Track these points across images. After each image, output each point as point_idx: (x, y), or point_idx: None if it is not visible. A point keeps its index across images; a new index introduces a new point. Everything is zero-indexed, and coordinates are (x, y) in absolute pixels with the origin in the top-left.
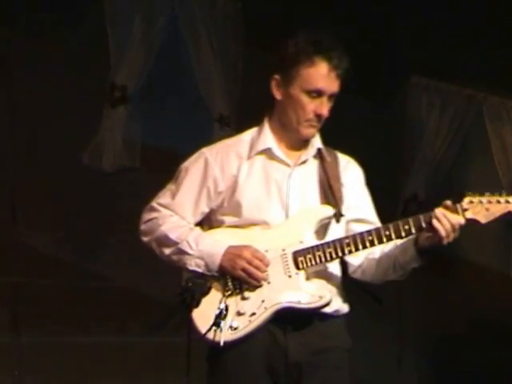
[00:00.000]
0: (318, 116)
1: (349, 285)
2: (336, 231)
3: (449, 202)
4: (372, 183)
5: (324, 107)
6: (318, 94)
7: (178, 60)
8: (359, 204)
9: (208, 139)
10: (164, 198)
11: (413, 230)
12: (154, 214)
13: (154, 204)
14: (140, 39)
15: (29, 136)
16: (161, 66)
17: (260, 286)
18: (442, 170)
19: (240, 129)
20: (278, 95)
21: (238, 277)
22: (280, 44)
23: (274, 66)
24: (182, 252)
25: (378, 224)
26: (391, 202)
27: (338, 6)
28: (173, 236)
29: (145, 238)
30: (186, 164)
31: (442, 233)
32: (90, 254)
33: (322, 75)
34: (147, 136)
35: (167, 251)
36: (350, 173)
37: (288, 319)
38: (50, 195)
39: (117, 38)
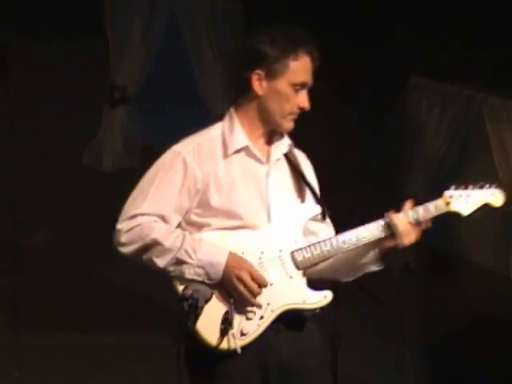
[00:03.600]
0: (301, 109)
1: (351, 286)
2: (323, 230)
3: (409, 204)
4: (372, 183)
5: (306, 100)
6: (301, 86)
7: (178, 60)
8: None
9: None
10: (142, 203)
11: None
12: (135, 222)
13: (132, 212)
14: (140, 39)
15: (29, 136)
16: (161, 66)
17: (253, 297)
18: (442, 170)
19: None
20: (259, 90)
21: (235, 287)
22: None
23: (250, 61)
24: (180, 262)
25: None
26: (391, 201)
27: (337, 6)
28: (166, 244)
29: (128, 248)
30: (160, 165)
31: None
32: (90, 255)
33: (306, 68)
34: (147, 136)
35: (162, 262)
36: (309, 168)
37: (281, 319)
38: (50, 195)
39: (117, 38)
